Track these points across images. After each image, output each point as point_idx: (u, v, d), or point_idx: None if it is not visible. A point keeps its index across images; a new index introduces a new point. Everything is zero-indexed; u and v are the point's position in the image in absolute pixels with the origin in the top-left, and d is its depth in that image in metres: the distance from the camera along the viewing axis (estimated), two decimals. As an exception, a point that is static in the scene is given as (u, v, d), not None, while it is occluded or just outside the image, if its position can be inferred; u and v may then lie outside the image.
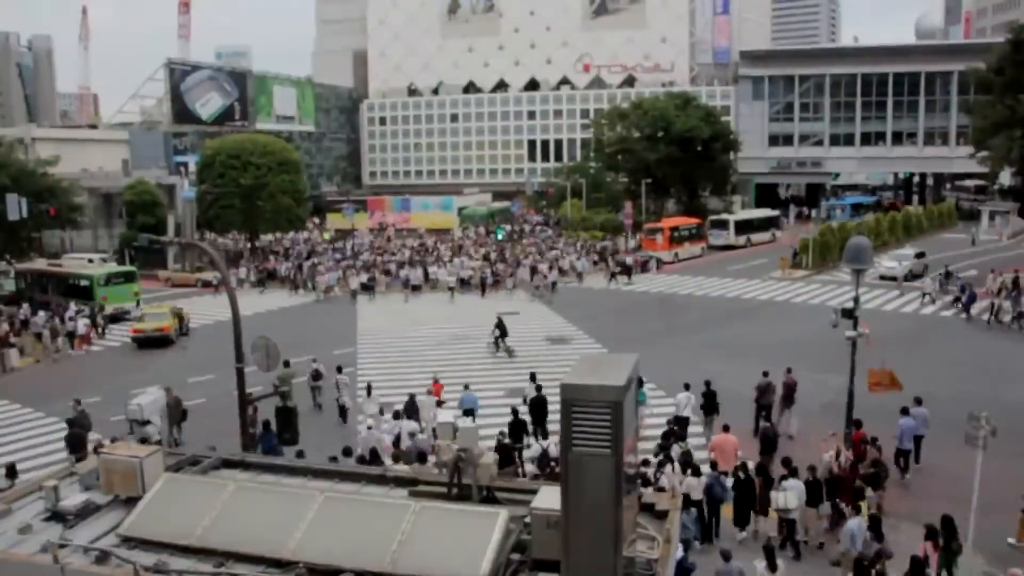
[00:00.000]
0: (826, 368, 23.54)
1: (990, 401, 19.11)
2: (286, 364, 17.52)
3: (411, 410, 19.78)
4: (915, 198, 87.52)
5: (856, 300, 19.02)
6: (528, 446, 18.55)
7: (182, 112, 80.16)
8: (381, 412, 20.11)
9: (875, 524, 13.68)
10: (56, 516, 7.67)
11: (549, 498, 6.54)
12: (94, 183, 58.66)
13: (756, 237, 61.68)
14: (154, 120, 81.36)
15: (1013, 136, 49.09)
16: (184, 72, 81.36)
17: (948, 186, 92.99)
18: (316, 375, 24.03)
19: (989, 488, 14.61)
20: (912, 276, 42.17)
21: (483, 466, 7.90)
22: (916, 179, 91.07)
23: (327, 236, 70.35)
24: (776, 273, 47.38)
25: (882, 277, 42.74)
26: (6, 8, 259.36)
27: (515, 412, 19.40)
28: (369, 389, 21.76)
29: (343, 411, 22.74)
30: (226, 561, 6.79)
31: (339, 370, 23.87)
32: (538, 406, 20.26)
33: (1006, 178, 72.08)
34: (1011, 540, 15.07)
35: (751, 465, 16.47)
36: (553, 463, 16.03)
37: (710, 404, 20.81)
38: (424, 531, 6.78)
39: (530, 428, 19.84)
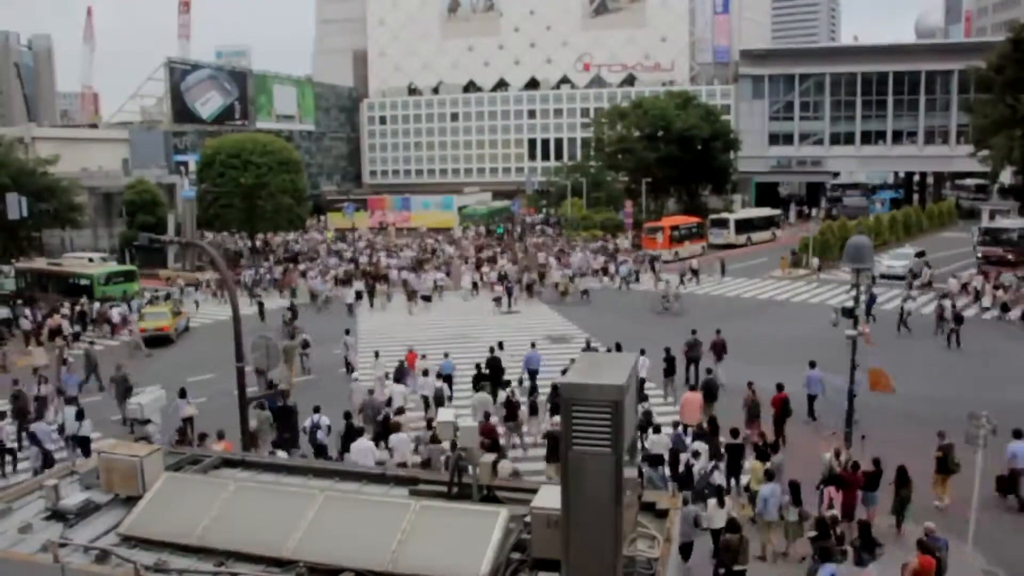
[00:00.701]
0: (826, 367, 23.50)
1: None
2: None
3: (400, 375, 23.17)
4: (915, 197, 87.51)
5: (856, 299, 19.02)
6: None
7: (182, 111, 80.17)
8: (387, 376, 23.51)
9: (795, 491, 14.55)
10: (56, 515, 7.68)
11: (549, 497, 6.53)
12: (94, 182, 58.64)
13: (756, 236, 61.72)
14: (154, 119, 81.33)
15: (1013, 135, 49.03)
16: (184, 71, 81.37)
17: (948, 185, 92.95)
18: (305, 344, 28.42)
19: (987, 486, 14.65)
20: (913, 275, 42.18)
21: (483, 465, 7.90)
22: (916, 178, 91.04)
23: (331, 236, 69.36)
24: (777, 272, 47.39)
25: (883, 276, 42.75)
26: (5, 8, 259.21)
27: (479, 367, 23.16)
28: (376, 354, 25.08)
29: (349, 367, 27.15)
30: (226, 560, 6.79)
31: (347, 332, 28.66)
32: (494, 365, 23.41)
33: (1006, 177, 72.06)
34: (936, 503, 16.10)
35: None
36: (516, 405, 20.11)
37: (670, 367, 23.98)
38: (424, 530, 6.78)
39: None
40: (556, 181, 77.69)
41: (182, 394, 20.91)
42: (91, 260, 48.03)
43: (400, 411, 19.51)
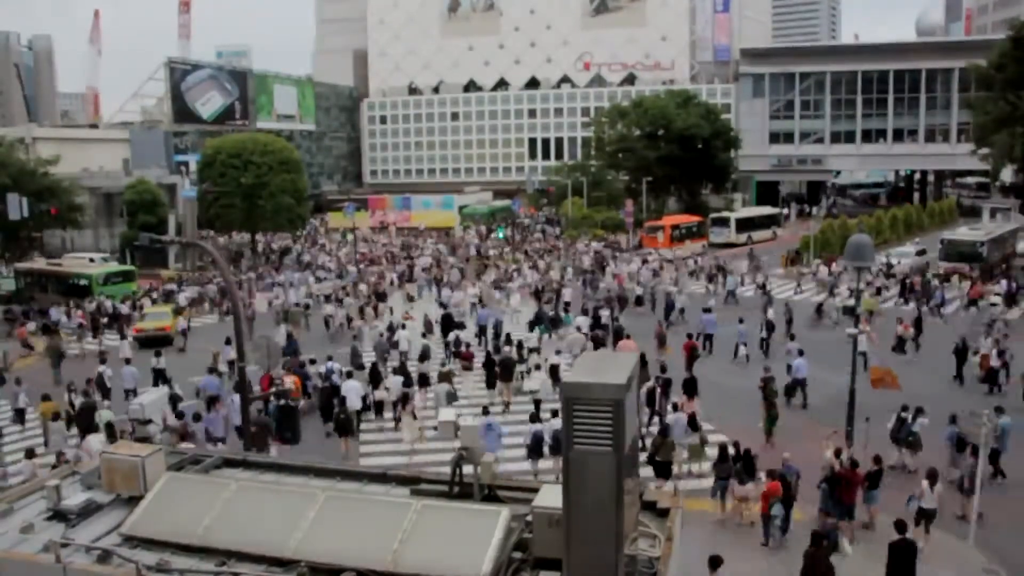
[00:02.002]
0: (827, 366, 23.52)
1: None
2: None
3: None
4: (916, 195, 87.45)
5: (857, 298, 19.03)
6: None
7: (183, 111, 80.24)
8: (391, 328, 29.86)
9: (692, 420, 19.20)
10: (58, 515, 7.68)
11: (551, 496, 6.54)
12: (95, 183, 58.69)
13: (757, 235, 61.67)
14: (155, 119, 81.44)
15: (1014, 133, 48.93)
16: (185, 71, 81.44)
17: (949, 183, 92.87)
18: (306, 306, 36.58)
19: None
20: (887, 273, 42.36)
21: (485, 464, 7.90)
22: (917, 176, 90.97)
23: (348, 238, 60.69)
24: (778, 271, 47.34)
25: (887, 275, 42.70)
26: (5, 8, 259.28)
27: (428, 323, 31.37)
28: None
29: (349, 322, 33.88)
30: (228, 560, 6.79)
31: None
32: (447, 320, 31.39)
33: (1007, 175, 71.93)
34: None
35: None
36: (464, 349, 27.12)
37: (617, 335, 28.48)
38: (426, 529, 6.78)
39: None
40: (556, 180, 77.72)
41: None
42: (92, 260, 48.13)
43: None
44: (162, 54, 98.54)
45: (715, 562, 11.64)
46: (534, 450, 18.32)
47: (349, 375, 22.47)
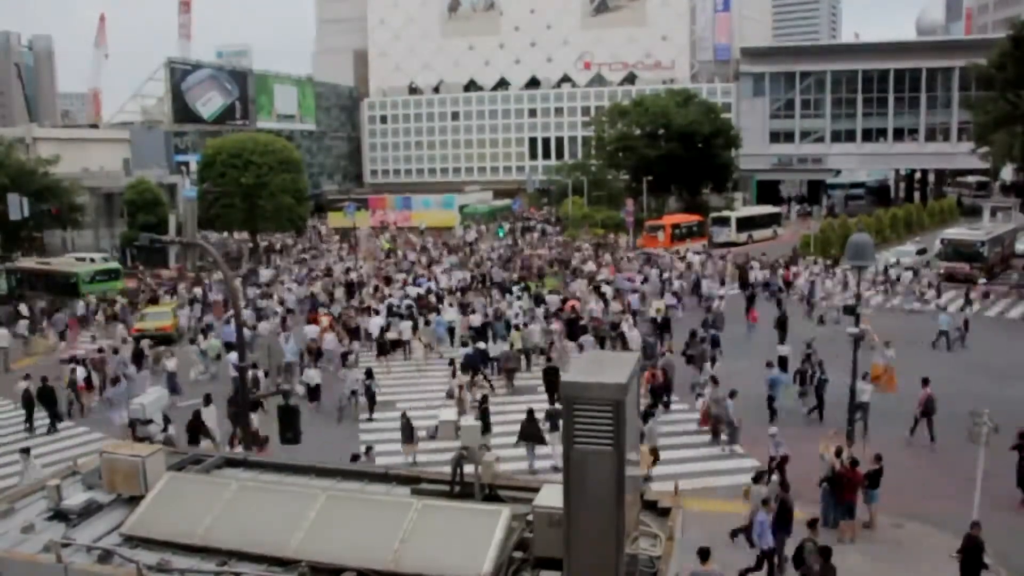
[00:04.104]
0: (827, 365, 23.49)
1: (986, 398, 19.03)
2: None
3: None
4: (916, 194, 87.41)
5: (858, 297, 19.03)
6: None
7: (183, 111, 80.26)
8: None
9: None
10: (59, 515, 7.68)
11: (551, 496, 6.53)
12: (95, 182, 58.65)
13: (758, 234, 61.65)
14: (155, 119, 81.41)
15: (1014, 132, 48.97)
16: (185, 71, 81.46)
17: (950, 182, 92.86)
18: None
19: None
20: (915, 272, 42.17)
21: (486, 464, 7.90)
22: (918, 175, 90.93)
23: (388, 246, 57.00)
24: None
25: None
26: (5, 8, 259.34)
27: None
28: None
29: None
30: (229, 560, 6.79)
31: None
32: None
33: (1008, 174, 71.98)
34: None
35: None
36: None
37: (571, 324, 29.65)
38: (426, 529, 6.78)
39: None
40: (557, 180, 77.68)
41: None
42: (92, 260, 48.36)
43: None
44: (162, 54, 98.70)
45: (704, 553, 11.69)
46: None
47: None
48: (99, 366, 26.31)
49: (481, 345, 27.63)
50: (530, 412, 19.22)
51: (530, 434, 18.91)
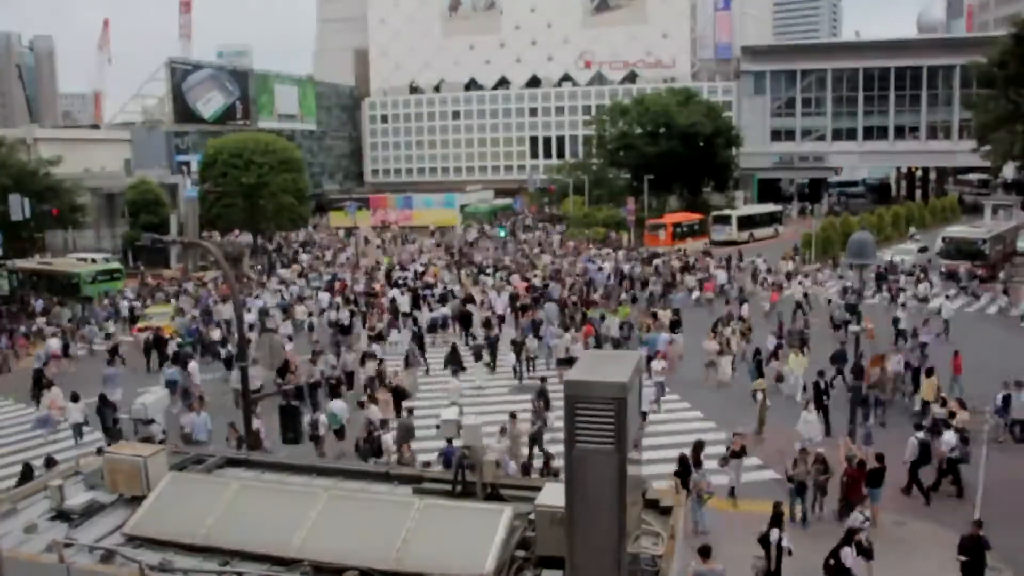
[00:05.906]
0: (826, 364, 23.49)
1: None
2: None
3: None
4: (918, 192, 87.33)
5: (859, 295, 19.02)
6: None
7: (184, 111, 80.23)
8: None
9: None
10: (61, 515, 7.69)
11: (553, 495, 6.53)
12: (96, 183, 58.76)
13: (759, 232, 61.62)
14: (156, 119, 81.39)
15: (1015, 130, 48.94)
16: (185, 71, 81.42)
17: (951, 180, 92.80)
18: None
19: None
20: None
21: (488, 463, 7.90)
22: (919, 173, 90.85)
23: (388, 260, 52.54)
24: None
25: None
26: (5, 9, 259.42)
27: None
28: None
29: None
30: (231, 559, 6.79)
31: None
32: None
33: (1009, 172, 71.87)
34: None
35: None
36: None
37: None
38: (428, 528, 6.78)
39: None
40: (558, 179, 77.70)
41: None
42: (94, 260, 48.44)
43: None
44: (163, 54, 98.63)
45: (705, 551, 11.69)
46: None
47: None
48: (72, 334, 26.78)
49: None
50: (453, 346, 26.56)
51: (452, 360, 25.76)
